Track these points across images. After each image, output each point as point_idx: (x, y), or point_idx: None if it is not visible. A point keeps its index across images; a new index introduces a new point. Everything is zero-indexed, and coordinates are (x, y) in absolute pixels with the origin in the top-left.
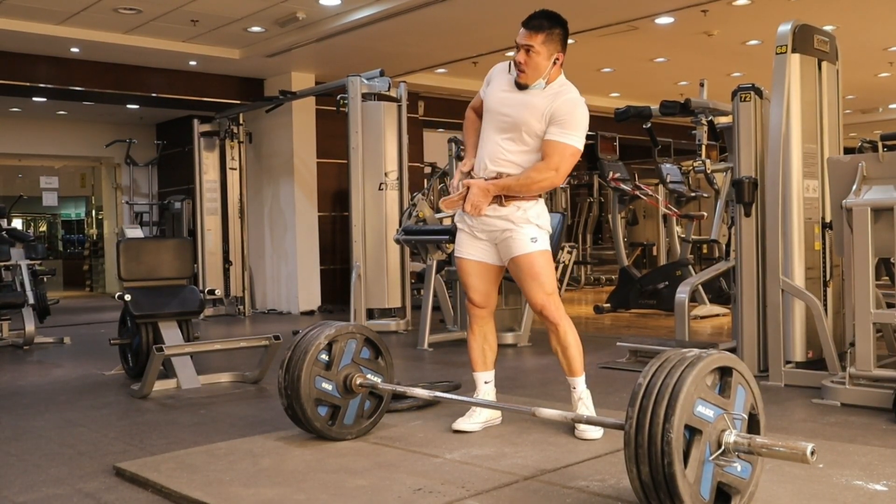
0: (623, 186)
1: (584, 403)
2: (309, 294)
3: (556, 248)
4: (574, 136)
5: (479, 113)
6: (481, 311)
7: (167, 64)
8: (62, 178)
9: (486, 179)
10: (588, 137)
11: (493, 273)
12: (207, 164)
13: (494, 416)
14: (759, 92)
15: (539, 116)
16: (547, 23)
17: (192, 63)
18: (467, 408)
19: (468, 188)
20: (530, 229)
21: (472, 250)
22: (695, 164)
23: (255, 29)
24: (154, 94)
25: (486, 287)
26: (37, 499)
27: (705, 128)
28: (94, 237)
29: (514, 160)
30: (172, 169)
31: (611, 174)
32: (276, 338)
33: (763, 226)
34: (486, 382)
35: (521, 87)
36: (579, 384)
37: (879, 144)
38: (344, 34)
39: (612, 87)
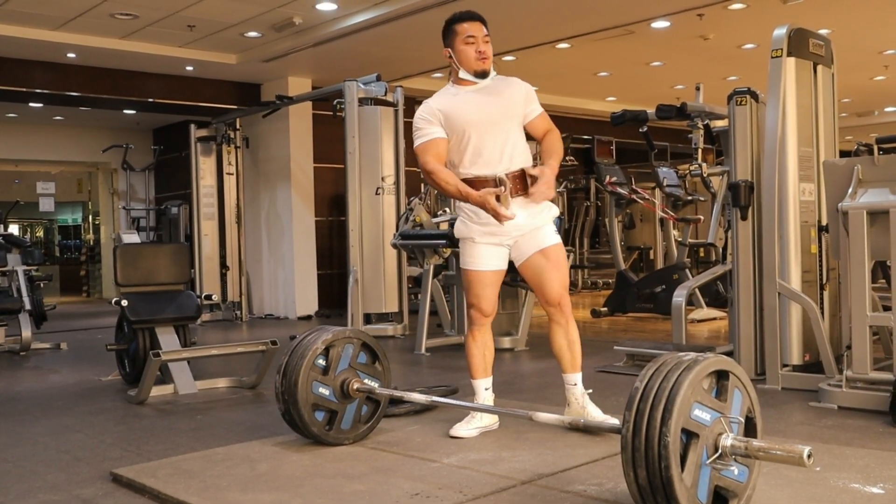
0: (620, 190)
1: (588, 400)
2: (306, 299)
3: None
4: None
5: (443, 161)
6: (487, 319)
7: (164, 69)
8: (59, 184)
9: (508, 175)
10: (585, 141)
11: (501, 279)
12: (204, 169)
13: (492, 421)
14: (754, 96)
15: (522, 102)
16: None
17: (189, 68)
18: (465, 413)
19: (530, 178)
20: (553, 221)
21: (490, 260)
22: (691, 168)
23: (252, 34)
24: (151, 100)
25: (495, 296)
26: None
27: (701, 131)
28: (91, 242)
29: (522, 150)
30: (169, 174)
31: (607, 178)
32: (274, 343)
33: (759, 229)
34: (485, 389)
35: (483, 75)
36: (580, 380)
37: (875, 147)
38: (340, 39)
39: (608, 90)
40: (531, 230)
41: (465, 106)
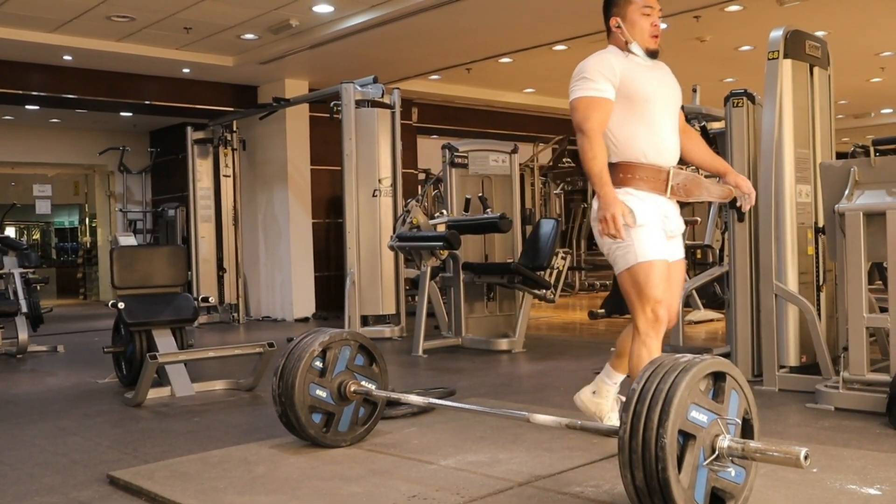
0: None
1: (616, 406)
2: (303, 301)
3: (550, 253)
4: None
5: (603, 129)
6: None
7: (160, 71)
8: (55, 186)
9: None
10: None
11: None
12: (201, 171)
13: None
14: (751, 97)
15: (679, 90)
16: None
17: (186, 70)
18: (462, 414)
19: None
20: None
21: (665, 250)
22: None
23: (249, 36)
24: (147, 102)
25: None
26: None
27: (698, 133)
28: (88, 245)
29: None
30: (166, 176)
31: None
32: (271, 345)
33: (756, 231)
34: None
35: (654, 55)
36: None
37: (871, 149)
38: (337, 41)
39: None
40: (677, 237)
41: (646, 77)
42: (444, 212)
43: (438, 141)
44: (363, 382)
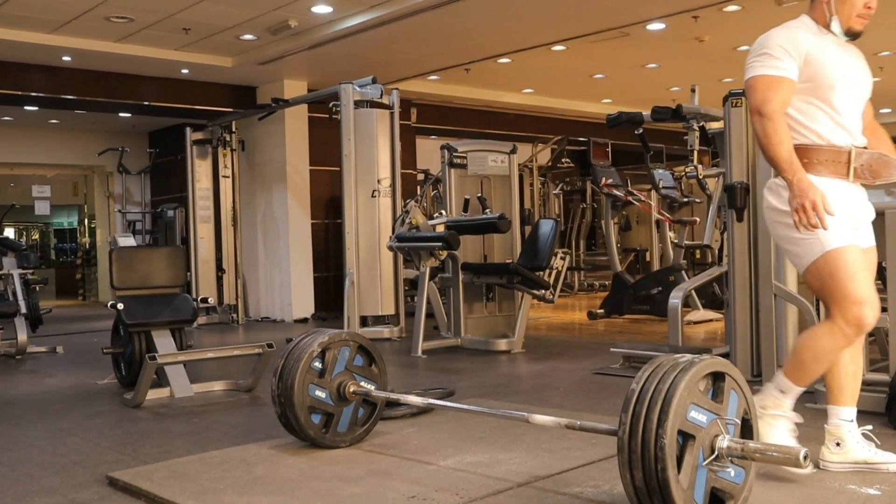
0: (616, 192)
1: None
2: (302, 302)
3: (549, 253)
4: None
5: (784, 110)
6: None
7: (159, 72)
8: (54, 187)
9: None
10: (581, 143)
11: None
12: (200, 172)
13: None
14: None
15: (870, 80)
16: None
17: (185, 71)
18: (461, 414)
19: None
20: None
21: (856, 237)
22: (687, 170)
23: (248, 37)
24: (146, 103)
25: None
26: None
27: (697, 133)
28: (87, 246)
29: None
30: (165, 177)
31: (603, 180)
32: (270, 346)
33: (755, 231)
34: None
35: (854, 37)
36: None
37: None
38: (336, 42)
39: (603, 93)
40: (865, 224)
41: (836, 59)
42: (443, 212)
43: (437, 141)
44: (362, 383)
